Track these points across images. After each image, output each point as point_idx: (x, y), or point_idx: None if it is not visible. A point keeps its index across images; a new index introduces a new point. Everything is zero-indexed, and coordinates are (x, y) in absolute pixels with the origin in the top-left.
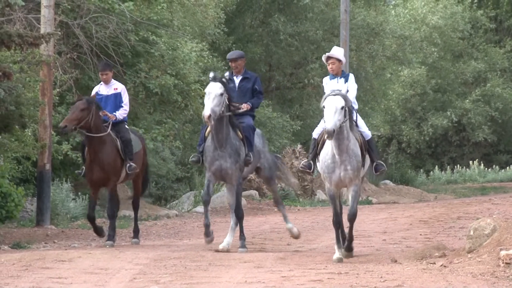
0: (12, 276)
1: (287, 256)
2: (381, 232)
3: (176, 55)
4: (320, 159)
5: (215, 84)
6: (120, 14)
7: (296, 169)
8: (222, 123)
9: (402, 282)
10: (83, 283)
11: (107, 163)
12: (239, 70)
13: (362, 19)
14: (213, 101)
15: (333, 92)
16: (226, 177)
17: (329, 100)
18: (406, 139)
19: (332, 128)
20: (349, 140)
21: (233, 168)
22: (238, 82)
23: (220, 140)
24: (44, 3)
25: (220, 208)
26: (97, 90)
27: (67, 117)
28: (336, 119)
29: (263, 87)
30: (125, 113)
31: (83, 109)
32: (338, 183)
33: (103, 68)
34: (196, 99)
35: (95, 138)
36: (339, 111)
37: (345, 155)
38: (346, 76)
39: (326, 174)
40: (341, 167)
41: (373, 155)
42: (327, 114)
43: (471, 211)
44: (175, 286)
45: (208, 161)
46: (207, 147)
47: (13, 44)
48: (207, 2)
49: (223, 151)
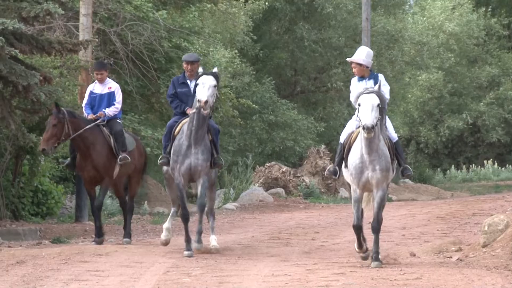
0: (52, 269)
1: (311, 251)
2: (400, 228)
3: (207, 60)
4: (349, 161)
5: (208, 76)
6: (154, 22)
7: (320, 168)
8: (205, 119)
9: (421, 275)
10: (119, 276)
11: (98, 164)
12: (194, 73)
13: (382, 26)
14: (208, 91)
15: (367, 90)
16: (196, 173)
17: (365, 98)
18: (424, 140)
19: (371, 124)
20: (379, 140)
21: (203, 165)
22: (193, 86)
23: (198, 137)
24: (83, 11)
25: (248, 205)
26: (91, 89)
27: (43, 137)
28: (373, 117)
29: (289, 91)
30: (115, 111)
31: (55, 124)
32: (365, 184)
33: (99, 67)
34: (225, 102)
35: (83, 135)
36: (376, 108)
37: (375, 154)
38: (375, 76)
39: (354, 175)
40: (369, 167)
41: (400, 159)
42: (364, 111)
43: (486, 208)
44: (206, 279)
45: (180, 161)
46: (178, 146)
47: (53, 51)
48: (236, 11)
49: (197, 148)
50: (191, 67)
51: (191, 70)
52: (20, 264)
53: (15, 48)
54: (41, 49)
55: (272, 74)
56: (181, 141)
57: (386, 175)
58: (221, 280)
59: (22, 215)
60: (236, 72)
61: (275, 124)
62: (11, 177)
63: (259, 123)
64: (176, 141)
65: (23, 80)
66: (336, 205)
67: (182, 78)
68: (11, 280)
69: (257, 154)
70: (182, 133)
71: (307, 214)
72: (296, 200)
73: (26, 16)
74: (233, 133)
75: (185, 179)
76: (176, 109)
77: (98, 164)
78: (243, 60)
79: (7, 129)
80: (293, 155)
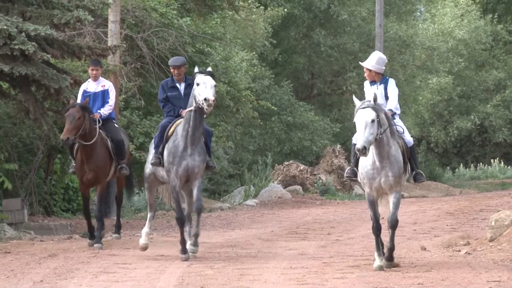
0: (82, 262)
1: (327, 245)
2: (411, 223)
3: (229, 65)
4: (360, 166)
5: (206, 76)
6: (179, 28)
7: (335, 166)
8: (202, 120)
9: (431, 267)
10: (145, 268)
11: (99, 166)
12: (181, 77)
13: (395, 32)
14: (211, 90)
15: (363, 105)
16: (192, 175)
17: (359, 115)
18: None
19: (361, 146)
20: (389, 146)
21: (200, 166)
22: (183, 89)
23: (195, 138)
24: (111, 18)
25: (267, 202)
26: (85, 88)
27: (66, 127)
28: (367, 135)
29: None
30: (110, 109)
31: (79, 117)
32: (378, 189)
33: (95, 63)
34: (246, 104)
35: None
36: (370, 124)
37: (386, 161)
38: (386, 81)
39: (366, 180)
40: (381, 173)
41: (413, 164)
42: (357, 130)
43: (492, 204)
44: (228, 271)
45: (176, 162)
46: (174, 147)
47: (83, 55)
48: (256, 18)
49: (193, 150)
50: (178, 71)
51: (178, 74)
52: (52, 257)
53: (47, 53)
54: (71, 54)
55: (290, 78)
56: (176, 142)
57: (398, 181)
58: (242, 272)
59: (54, 211)
60: (256, 75)
61: (293, 125)
62: (44, 175)
63: (278, 124)
64: (170, 143)
65: (54, 83)
66: (351, 201)
67: (171, 81)
68: (44, 272)
69: (276, 153)
70: (177, 134)
71: (323, 210)
72: (313, 196)
73: (58, 23)
74: (253, 133)
75: (182, 181)
76: (169, 113)
77: (99, 166)
78: (263, 64)
79: (39, 130)
80: (310, 154)
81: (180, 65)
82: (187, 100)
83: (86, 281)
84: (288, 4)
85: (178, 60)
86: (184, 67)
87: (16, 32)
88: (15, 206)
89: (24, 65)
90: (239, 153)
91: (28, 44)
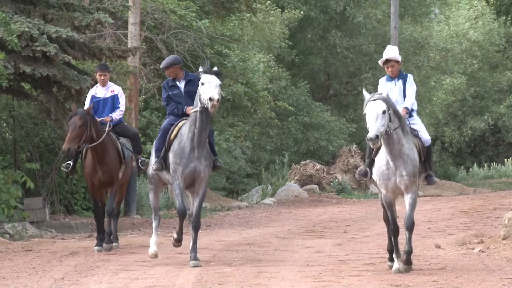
0: (102, 259)
1: (343, 243)
2: (426, 221)
3: (246, 66)
4: (375, 166)
5: (211, 76)
6: (197, 30)
7: (351, 166)
8: (208, 121)
9: (445, 265)
10: (164, 266)
11: (111, 168)
12: (180, 76)
13: (409, 34)
14: (216, 89)
15: (373, 97)
16: (197, 180)
17: (369, 106)
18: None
19: (373, 135)
20: (401, 145)
21: (206, 171)
22: (183, 87)
23: (202, 140)
24: (131, 20)
25: (284, 200)
26: (93, 93)
27: (68, 136)
28: (378, 125)
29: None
30: (121, 114)
31: (81, 125)
32: (394, 190)
33: (102, 69)
34: (263, 104)
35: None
36: (381, 116)
37: (399, 160)
38: (405, 76)
39: (382, 181)
40: (396, 173)
41: (427, 164)
42: (369, 121)
43: (506, 203)
44: (245, 268)
45: (183, 163)
46: (180, 149)
47: (104, 57)
48: (273, 20)
49: (200, 152)
50: (168, 71)
51: (170, 73)
52: (73, 255)
53: (68, 54)
54: (92, 56)
55: (307, 79)
56: (182, 144)
57: (414, 180)
58: (259, 270)
59: (75, 210)
60: (273, 76)
61: (310, 125)
62: (65, 174)
63: (294, 124)
64: (176, 144)
65: (75, 84)
66: (367, 200)
67: (171, 81)
68: (65, 270)
69: (293, 153)
70: (182, 136)
71: (339, 208)
72: (329, 195)
73: (79, 25)
74: (271, 133)
75: (186, 181)
76: (173, 110)
77: (112, 168)
78: (280, 65)
79: (61, 130)
80: (326, 153)
81: (167, 66)
82: (188, 97)
83: (106, 278)
84: (304, 7)
85: (164, 62)
86: (173, 67)
87: (38, 34)
88: (37, 205)
89: (46, 67)
90: (256, 153)
91: (50, 46)
